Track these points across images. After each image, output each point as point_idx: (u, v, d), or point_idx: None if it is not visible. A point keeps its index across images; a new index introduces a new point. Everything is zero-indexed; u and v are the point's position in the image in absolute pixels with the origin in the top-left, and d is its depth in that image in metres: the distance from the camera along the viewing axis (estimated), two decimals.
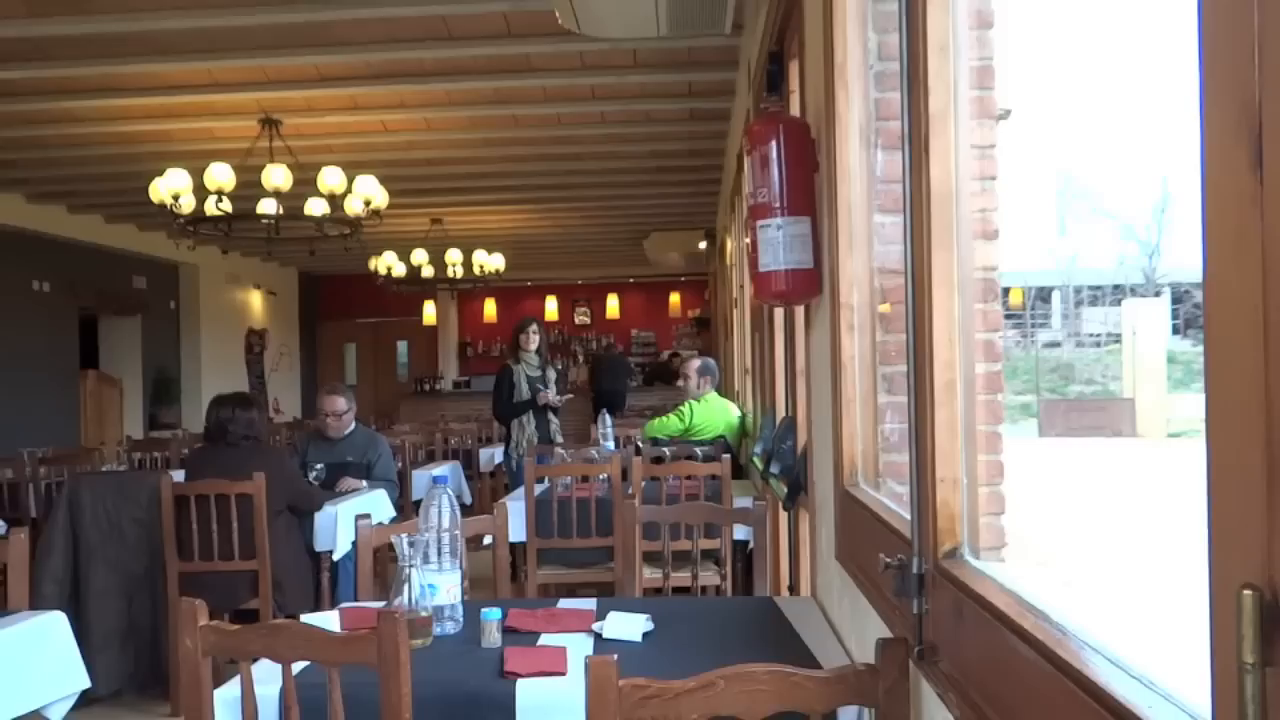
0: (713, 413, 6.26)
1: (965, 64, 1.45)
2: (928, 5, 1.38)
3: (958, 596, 1.23)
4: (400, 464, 6.64)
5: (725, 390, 7.48)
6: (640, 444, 6.31)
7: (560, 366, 7.60)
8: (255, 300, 14.01)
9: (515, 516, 4.72)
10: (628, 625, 2.24)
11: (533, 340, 6.71)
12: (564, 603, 2.64)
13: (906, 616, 1.42)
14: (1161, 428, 19.22)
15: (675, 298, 15.89)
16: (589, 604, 2.58)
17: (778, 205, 2.58)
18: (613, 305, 16.06)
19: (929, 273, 1.37)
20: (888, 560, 1.47)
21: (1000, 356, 2.27)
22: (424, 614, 2.24)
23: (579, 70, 5.92)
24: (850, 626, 2.15)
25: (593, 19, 4.49)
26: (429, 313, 15.72)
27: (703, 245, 11.30)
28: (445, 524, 2.38)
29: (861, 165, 2.21)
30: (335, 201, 6.63)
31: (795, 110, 3.36)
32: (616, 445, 6.50)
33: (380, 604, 2.38)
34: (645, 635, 2.25)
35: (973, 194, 2.18)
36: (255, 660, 1.82)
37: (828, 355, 2.37)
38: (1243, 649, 0.57)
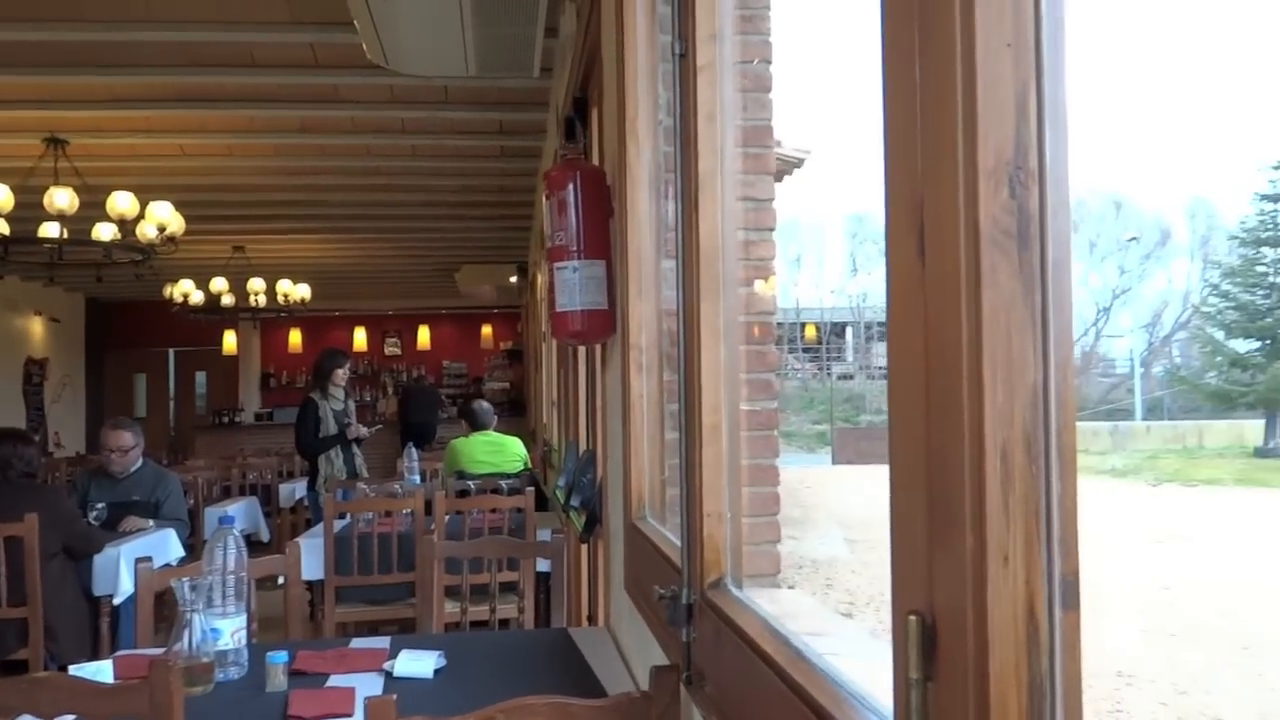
0: (474, 447, 6.34)
1: (733, 129, 1.57)
2: (698, 79, 1.49)
3: (718, 624, 1.32)
4: (192, 501, 6.34)
5: (535, 422, 7.52)
6: (443, 476, 6.29)
7: (358, 398, 7.48)
8: (35, 327, 13.03)
9: (313, 554, 4.60)
10: (419, 662, 2.25)
11: (344, 378, 6.62)
12: (356, 642, 2.61)
13: (678, 644, 1.51)
14: None
15: (487, 329, 15.83)
16: (381, 642, 2.56)
17: (574, 248, 2.66)
18: (424, 336, 15.84)
19: (697, 320, 1.48)
20: (661, 591, 1.56)
21: (776, 394, 2.42)
22: (206, 659, 2.17)
23: (389, 103, 5.89)
24: (636, 655, 2.24)
25: (401, 56, 4.49)
26: (230, 342, 15.03)
27: (514, 279, 11.35)
28: (230, 565, 2.32)
29: (651, 213, 2.33)
30: (127, 226, 6.30)
31: (597, 155, 3.47)
32: (423, 479, 6.44)
33: (160, 651, 2.29)
34: (437, 671, 2.26)
35: (750, 243, 2.33)
36: (17, 717, 1.73)
37: (619, 393, 2.46)
38: (910, 666, 0.67)
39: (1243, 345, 22.39)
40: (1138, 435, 22.55)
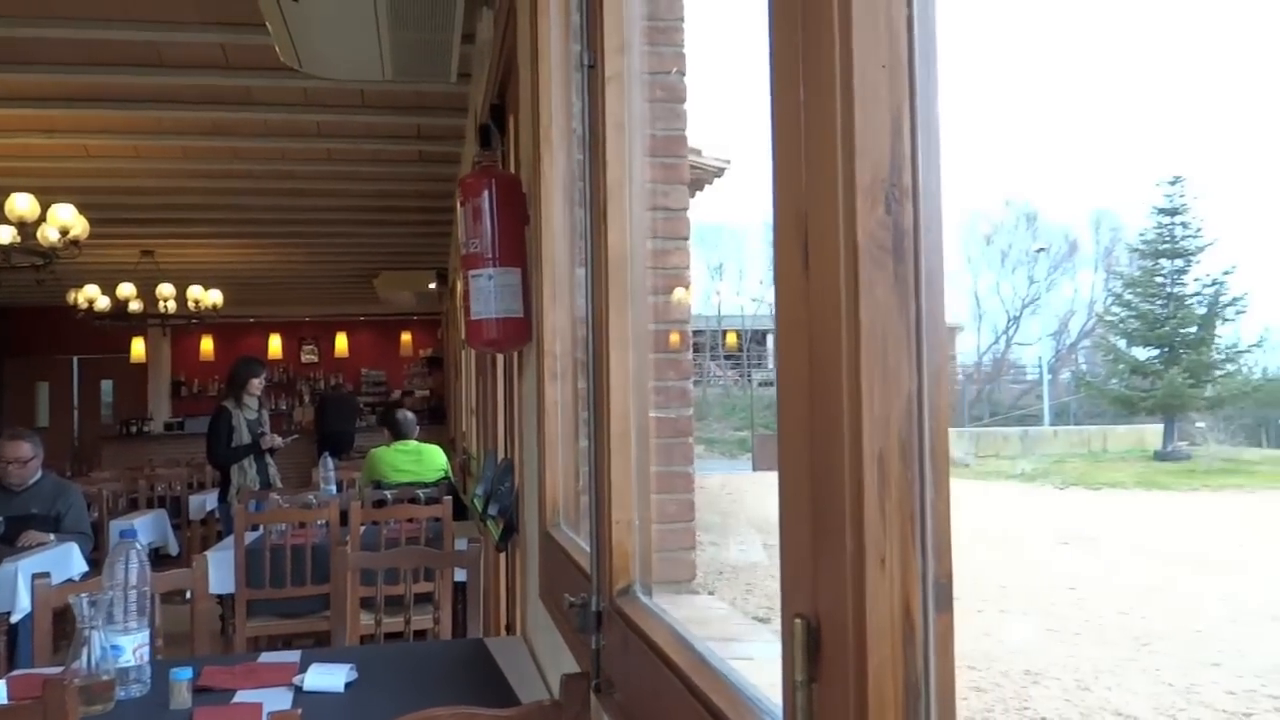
0: (395, 457, 6.28)
1: (642, 140, 1.59)
2: (606, 89, 1.50)
3: (625, 631, 1.33)
4: (96, 515, 6.14)
5: (456, 430, 7.45)
6: (360, 487, 6.20)
7: (273, 407, 7.36)
8: None
9: (224, 567, 4.50)
10: (329, 676, 2.21)
11: (259, 387, 6.51)
12: (265, 656, 2.56)
13: (588, 652, 1.52)
14: None
15: (407, 336, 15.64)
16: (292, 656, 2.52)
17: (489, 256, 2.66)
18: (342, 343, 15.58)
19: (606, 328, 1.49)
20: (571, 599, 1.56)
21: (691, 401, 2.44)
22: (106, 678, 2.11)
23: (303, 106, 5.79)
24: (551, 664, 2.23)
25: (315, 59, 4.43)
26: (138, 349, 14.60)
27: (433, 285, 11.24)
28: (132, 580, 2.26)
29: (566, 221, 2.33)
30: (27, 229, 6.09)
31: (515, 163, 3.47)
32: (339, 489, 6.34)
33: (58, 670, 2.22)
34: (349, 685, 2.23)
35: (664, 252, 2.35)
36: None
37: (534, 401, 2.46)
38: (796, 668, 0.68)
39: (1143, 353, 23.24)
40: (1046, 440, 23.23)
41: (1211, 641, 6.78)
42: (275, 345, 15.31)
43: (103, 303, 9.70)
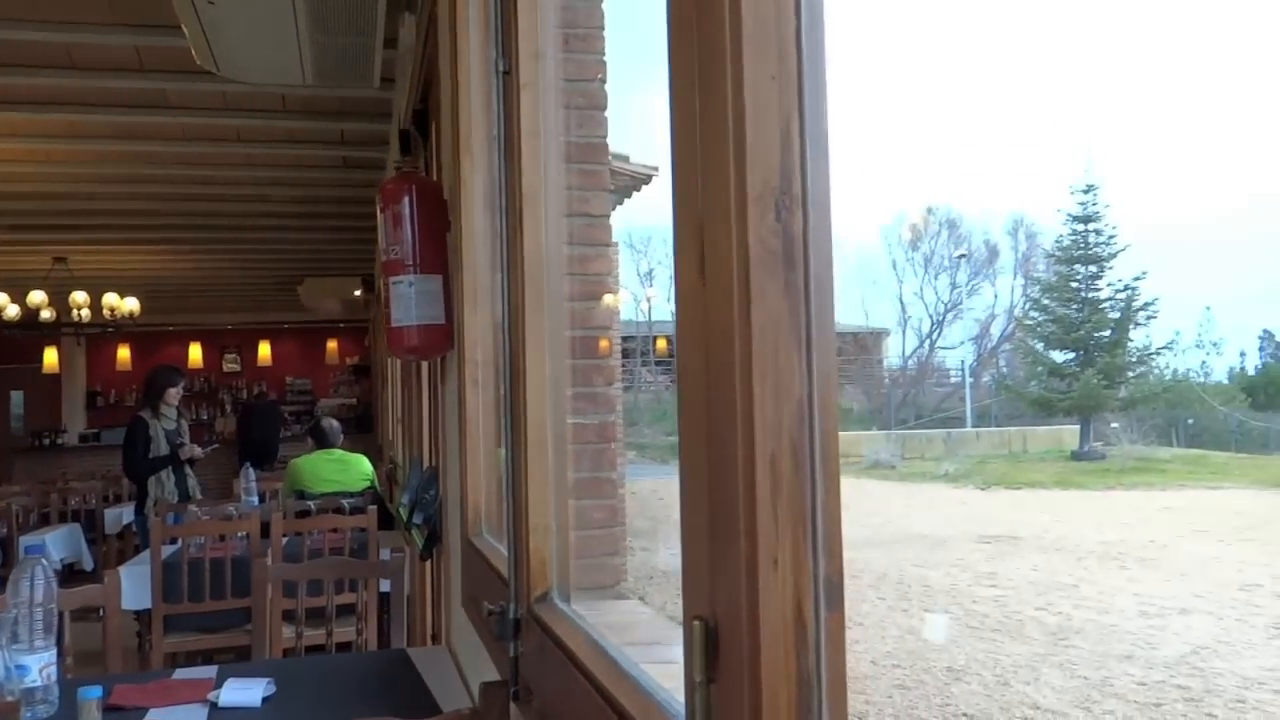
0: (319, 466, 6.19)
1: (558, 146, 1.59)
2: (520, 96, 1.51)
3: (542, 638, 1.33)
4: (5, 530, 5.93)
5: (382, 439, 7.36)
6: (282, 497, 6.10)
7: (194, 417, 7.20)
8: None
9: (140, 582, 4.39)
10: (246, 691, 2.17)
11: (177, 396, 6.35)
12: (179, 673, 2.50)
13: (506, 659, 1.51)
14: None
15: (333, 344, 15.40)
16: (208, 672, 2.46)
17: (410, 262, 2.64)
18: (265, 351, 15.28)
19: (523, 335, 1.49)
20: (490, 606, 1.56)
21: (614, 407, 2.45)
22: (10, 699, 2.04)
23: (222, 111, 5.67)
24: (474, 673, 2.22)
25: (232, 62, 4.34)
26: (51, 359, 14.14)
27: (359, 292, 11.09)
28: (38, 597, 2.19)
29: (486, 227, 2.32)
30: None
31: (438, 169, 3.44)
32: (262, 500, 6.22)
33: None
34: (266, 699, 2.18)
35: (586, 258, 2.36)
36: None
37: (456, 408, 2.45)
38: (694, 669, 0.69)
39: (1060, 356, 23.93)
40: (969, 441, 23.76)
41: (1124, 635, 7.00)
42: (196, 354, 14.96)
43: (12, 311, 9.38)
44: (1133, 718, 5.27)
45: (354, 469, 6.28)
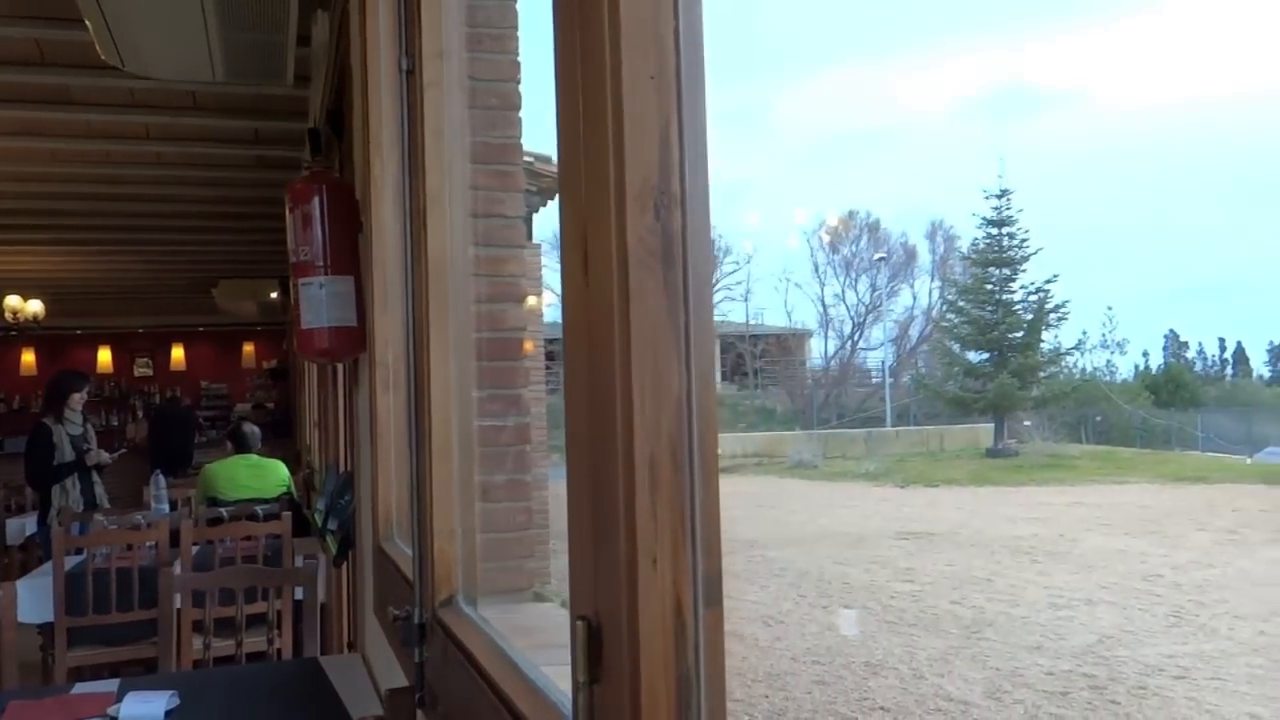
0: (235, 471, 6.06)
1: (464, 146, 1.58)
2: (424, 95, 1.49)
3: (446, 642, 1.32)
4: None
5: (301, 444, 7.23)
6: (195, 504, 5.94)
7: (103, 423, 6.99)
8: None
9: (42, 594, 4.24)
10: (147, 705, 2.11)
11: (81, 401, 6.15)
12: (79, 687, 2.42)
13: (412, 665, 1.49)
14: None
15: (249, 348, 15.05)
16: (109, 685, 2.39)
17: (320, 264, 2.59)
18: (178, 355, 14.87)
19: (427, 336, 1.47)
20: (396, 611, 1.54)
21: (528, 409, 2.44)
22: None
23: (129, 107, 5.49)
24: (386, 680, 2.19)
25: (138, 57, 4.22)
26: None
27: (275, 295, 10.87)
28: None
29: (396, 228, 2.29)
30: None
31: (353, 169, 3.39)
32: (173, 507, 6.06)
33: None
34: (169, 712, 2.12)
35: (500, 260, 2.34)
36: None
37: (368, 411, 2.41)
38: (578, 669, 0.69)
39: (975, 356, 24.52)
40: (889, 440, 24.20)
41: (1034, 626, 7.19)
42: (106, 358, 14.49)
43: None
44: (1041, 706, 5.42)
45: (270, 475, 6.14)
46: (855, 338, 34.07)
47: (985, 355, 24.11)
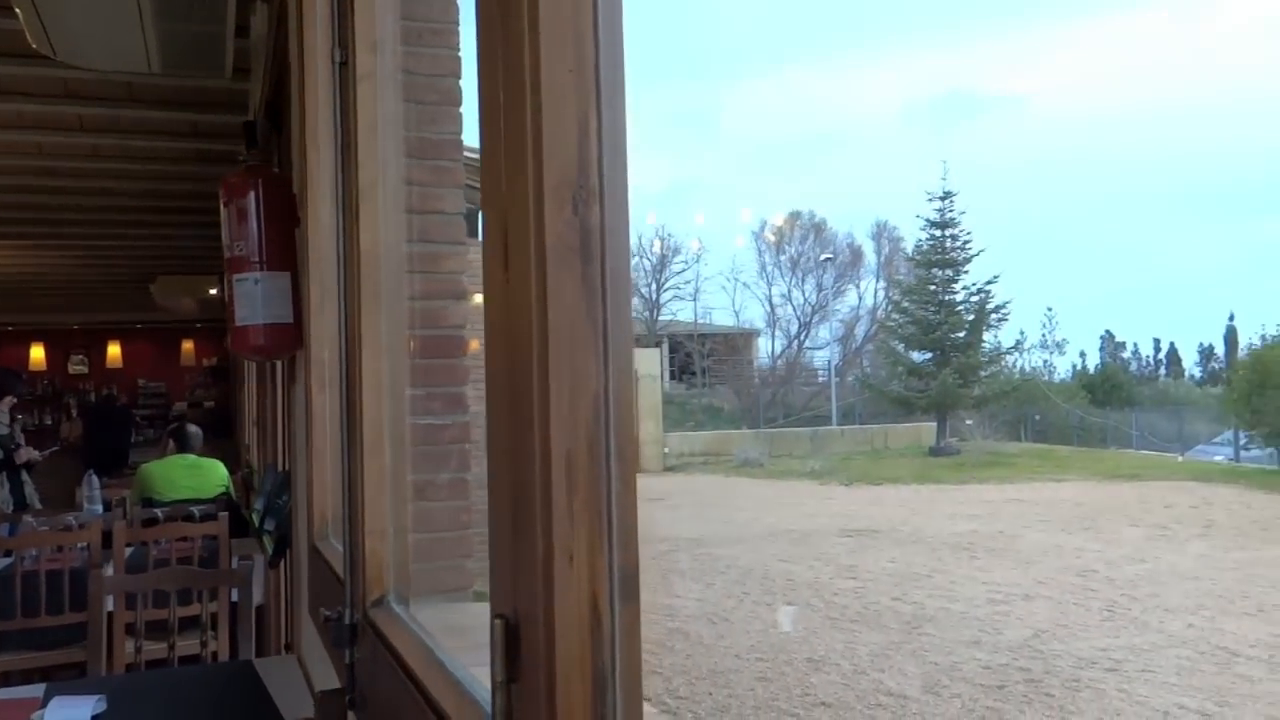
0: (172, 472, 5.94)
1: (397, 140, 1.56)
2: (358, 88, 1.47)
3: (376, 643, 1.30)
4: None
5: (238, 443, 7.12)
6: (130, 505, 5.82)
7: (35, 422, 6.83)
8: None
9: None
10: (72, 710, 2.06)
11: (11, 400, 5.99)
12: (4, 692, 2.36)
13: (343, 666, 1.48)
14: (659, 461, 21.47)
15: (188, 345, 14.77)
16: (34, 691, 2.32)
17: (256, 259, 2.56)
18: (114, 352, 14.54)
19: (359, 333, 1.45)
20: (327, 612, 1.51)
21: (466, 407, 2.42)
22: None
23: (62, 98, 5.35)
24: (321, 682, 2.16)
25: (71, 46, 4.12)
26: None
27: (215, 291, 10.67)
28: None
29: (333, 223, 2.26)
30: None
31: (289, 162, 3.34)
32: (108, 508, 5.93)
33: None
34: (96, 717, 2.07)
35: (440, 256, 2.32)
36: None
37: (304, 409, 2.38)
38: (496, 668, 0.69)
39: (919, 356, 24.86)
40: (833, 439, 24.44)
41: (972, 621, 7.31)
42: (39, 354, 14.13)
43: None
44: (978, 699, 5.51)
45: (208, 475, 6.03)
46: (802, 337, 34.37)
47: (928, 355, 24.45)
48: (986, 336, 24.88)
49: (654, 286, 34.40)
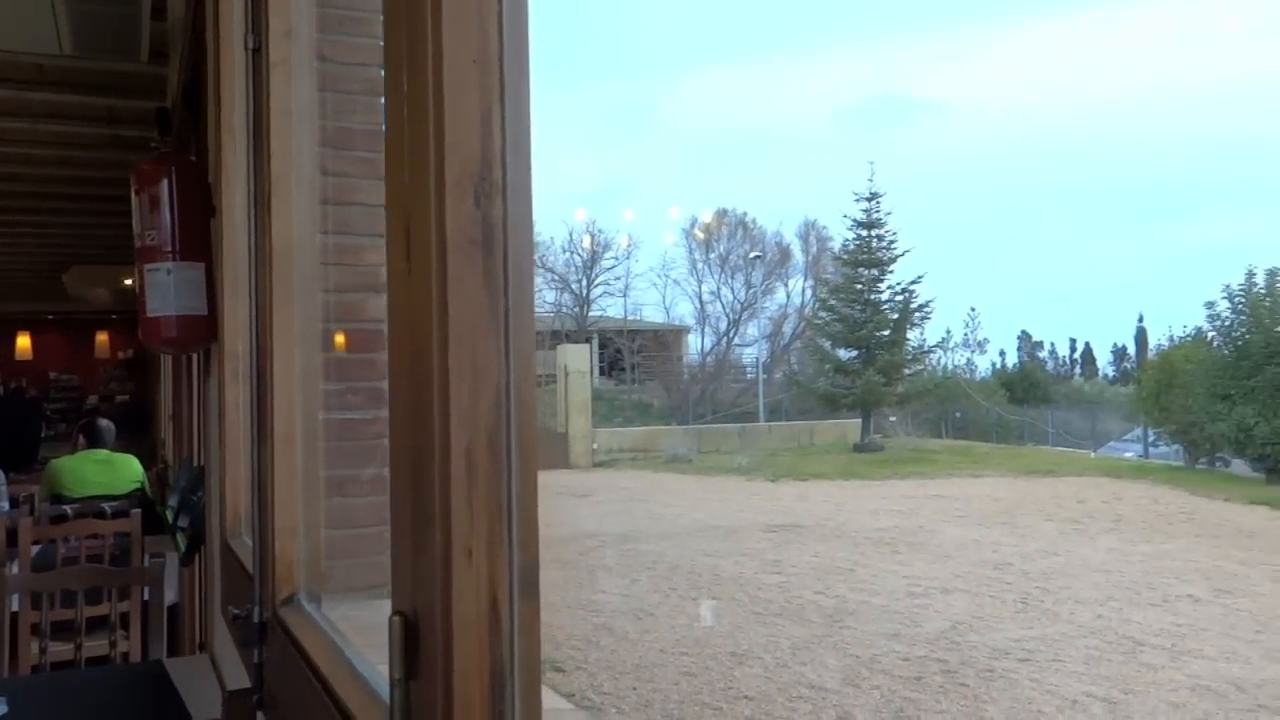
0: (83, 467, 5.77)
1: (312, 129, 1.53)
2: (270, 75, 1.44)
3: (285, 642, 1.27)
4: None
5: (155, 438, 6.94)
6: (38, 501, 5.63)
7: None
8: None
9: None
10: None
11: None
12: None
13: (251, 666, 1.45)
14: (588, 458, 21.48)
15: (103, 337, 14.33)
16: None
17: (169, 249, 2.49)
18: (24, 344, 14.05)
19: (270, 326, 1.42)
20: (236, 610, 1.48)
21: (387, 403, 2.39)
22: None
23: None
24: (232, 682, 2.11)
25: None
26: None
27: (130, 282, 10.38)
28: None
29: (246, 213, 2.21)
30: None
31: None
32: (15, 505, 5.73)
33: None
34: None
35: (363, 249, 2.28)
36: None
37: (218, 403, 2.32)
38: (394, 666, 0.68)
39: (845, 354, 25.22)
40: (761, 435, 24.68)
41: (892, 615, 7.45)
42: None
43: None
44: (896, 690, 5.62)
45: (122, 471, 5.86)
46: (731, 334, 34.62)
47: (854, 353, 24.81)
48: (911, 335, 25.35)
49: (584, 282, 34.38)
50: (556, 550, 10.03)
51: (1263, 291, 17.42)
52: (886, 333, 24.65)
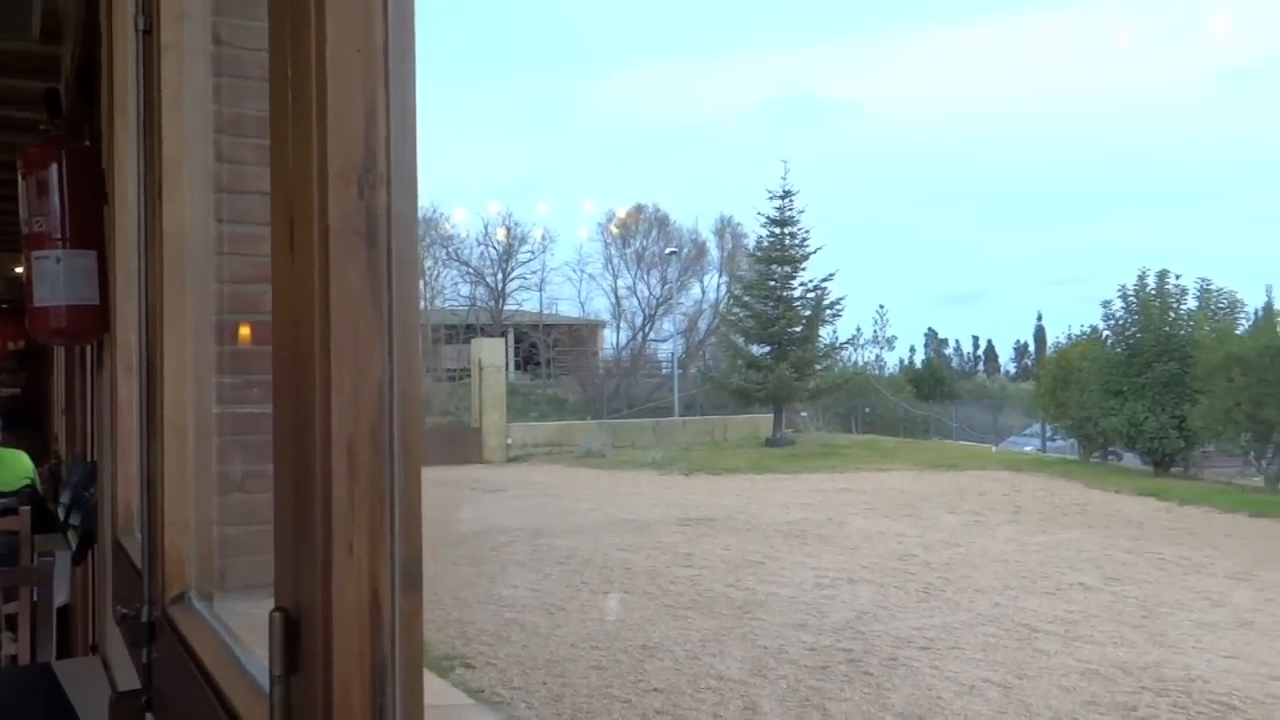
0: None
1: (206, 114, 1.49)
2: (162, 58, 1.40)
3: (174, 642, 1.24)
4: None
5: (47, 433, 6.66)
6: None
7: None
8: None
9: None
10: None
11: None
12: None
13: (140, 666, 1.41)
14: (503, 452, 21.37)
15: None
16: None
17: (58, 236, 2.40)
18: None
19: (161, 316, 1.38)
20: (123, 610, 1.44)
21: None
22: None
23: None
24: (124, 684, 2.05)
25: None
26: None
27: (21, 270, 9.95)
28: None
29: (137, 200, 2.15)
30: None
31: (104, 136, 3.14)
32: None
33: None
34: None
35: (259, 239, 2.22)
36: None
37: (109, 396, 2.25)
38: (274, 663, 0.67)
39: (758, 349, 25.54)
40: (676, 430, 24.85)
41: (800, 605, 7.59)
42: None
43: None
44: (802, 680, 5.72)
45: (11, 467, 5.62)
46: (646, 329, 34.75)
47: (767, 348, 25.12)
48: (822, 331, 25.78)
49: (500, 276, 34.12)
50: (469, 545, 9.96)
51: (1154, 292, 18.18)
52: (799, 329, 25.01)
